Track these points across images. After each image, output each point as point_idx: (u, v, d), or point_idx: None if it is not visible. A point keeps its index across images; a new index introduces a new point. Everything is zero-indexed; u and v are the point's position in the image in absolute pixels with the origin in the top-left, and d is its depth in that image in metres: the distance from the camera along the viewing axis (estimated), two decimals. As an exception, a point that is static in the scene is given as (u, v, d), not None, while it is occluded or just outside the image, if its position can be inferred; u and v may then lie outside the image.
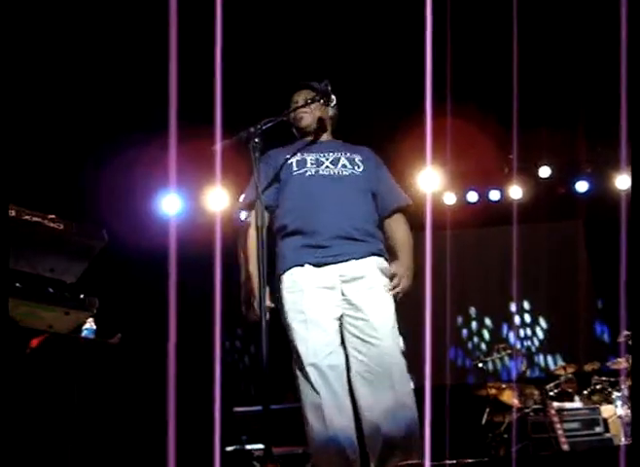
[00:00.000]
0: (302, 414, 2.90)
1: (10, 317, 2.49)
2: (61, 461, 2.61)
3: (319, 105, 3.15)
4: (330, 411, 2.82)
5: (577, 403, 5.92)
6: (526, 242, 6.87)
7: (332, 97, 3.10)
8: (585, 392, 5.97)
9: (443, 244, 6.29)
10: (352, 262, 2.97)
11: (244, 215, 3.20)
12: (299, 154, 3.15)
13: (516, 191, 7.37)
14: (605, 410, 5.63)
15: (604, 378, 5.93)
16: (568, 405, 5.85)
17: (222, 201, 6.66)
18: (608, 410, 5.62)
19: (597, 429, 5.50)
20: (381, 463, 2.80)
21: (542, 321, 7.81)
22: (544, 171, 7.36)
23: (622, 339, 5.59)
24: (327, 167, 3.10)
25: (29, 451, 2.47)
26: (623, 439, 5.26)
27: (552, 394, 5.98)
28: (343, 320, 2.96)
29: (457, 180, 7.40)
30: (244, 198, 3.17)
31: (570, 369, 6.28)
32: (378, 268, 3.01)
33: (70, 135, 6.01)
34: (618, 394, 5.60)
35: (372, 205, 3.15)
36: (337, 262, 2.96)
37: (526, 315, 7.85)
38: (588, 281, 7.55)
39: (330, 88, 3.05)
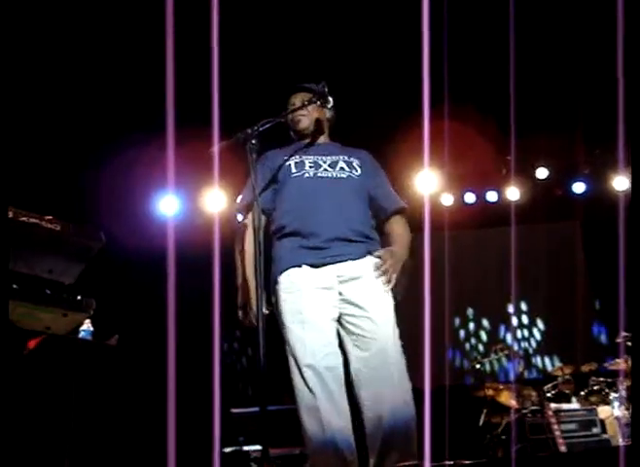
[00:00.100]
0: (298, 416, 2.89)
1: (8, 319, 2.49)
2: (60, 462, 2.61)
3: (316, 107, 3.15)
4: (326, 412, 2.81)
5: (574, 404, 5.93)
6: (524, 243, 6.85)
7: (329, 99, 3.09)
8: (582, 393, 5.97)
9: (440, 245, 6.29)
10: (349, 262, 2.98)
11: (241, 217, 3.19)
12: (297, 156, 3.15)
13: (514, 192, 7.37)
14: (602, 411, 5.63)
15: (601, 379, 5.93)
16: (565, 406, 5.85)
17: (219, 203, 6.65)
18: (605, 411, 5.63)
19: (595, 430, 5.51)
20: (380, 460, 2.80)
21: (539, 322, 7.81)
22: (541, 173, 7.36)
23: (620, 339, 5.60)
24: (325, 170, 3.11)
25: (27, 452, 2.47)
26: (621, 440, 5.27)
27: (550, 395, 5.99)
28: (342, 320, 2.96)
29: (455, 181, 7.40)
30: (241, 200, 3.17)
31: (567, 370, 6.28)
32: (375, 266, 3.02)
33: (68, 136, 6.01)
34: (615, 395, 5.61)
35: (368, 208, 3.15)
36: (334, 262, 2.96)
37: (524, 316, 7.85)
38: (586, 282, 7.55)
39: (327, 89, 3.05)
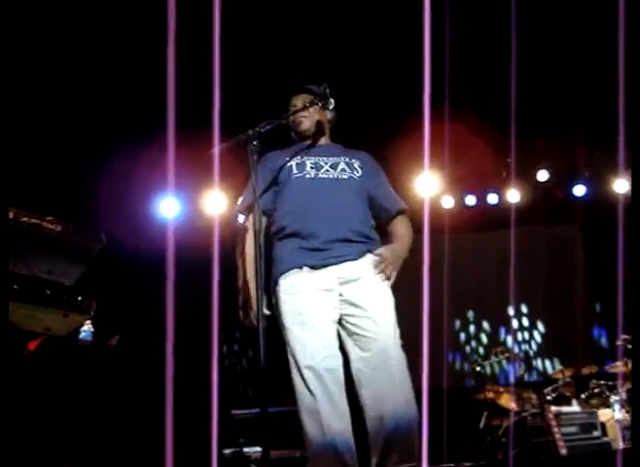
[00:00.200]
0: (299, 418, 2.89)
1: (8, 320, 2.49)
2: (60, 463, 2.61)
3: (318, 109, 3.16)
4: (327, 414, 2.81)
5: (575, 407, 5.92)
6: (524, 246, 6.86)
7: (330, 101, 3.10)
8: (582, 396, 5.97)
9: (441, 248, 6.29)
10: (349, 263, 2.98)
11: (242, 218, 3.20)
12: (298, 157, 3.16)
13: (514, 194, 7.37)
14: (603, 414, 5.63)
15: (602, 382, 5.93)
16: (566, 409, 5.84)
17: (220, 205, 6.65)
18: (606, 414, 5.62)
19: (595, 433, 5.50)
20: (382, 460, 2.80)
21: (540, 325, 7.81)
22: (542, 175, 7.36)
23: (620, 342, 5.60)
24: (326, 171, 3.11)
25: (28, 453, 2.47)
26: (621, 443, 5.27)
27: (550, 398, 5.98)
28: (343, 320, 2.96)
29: (455, 184, 7.41)
30: (242, 201, 3.17)
31: (568, 372, 6.28)
32: (374, 263, 3.02)
33: (68, 138, 6.01)
34: (615, 398, 5.61)
35: (369, 209, 3.16)
36: (334, 263, 2.97)
37: (524, 319, 7.84)
38: (586, 285, 7.55)
39: (328, 91, 3.06)
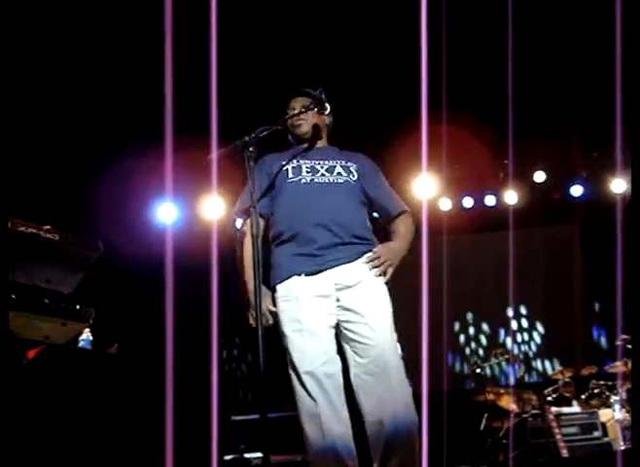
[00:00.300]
0: (300, 423, 2.89)
1: (8, 329, 2.49)
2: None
3: (315, 113, 3.16)
4: (327, 418, 2.82)
5: (575, 407, 5.92)
6: (522, 247, 6.87)
7: (326, 106, 3.11)
8: (582, 396, 5.97)
9: (439, 250, 6.29)
10: (345, 266, 2.97)
11: (239, 222, 3.20)
12: (294, 160, 3.16)
13: (512, 196, 7.37)
14: (603, 414, 5.62)
15: (602, 382, 5.93)
16: (566, 409, 5.84)
17: (218, 210, 6.65)
18: (606, 414, 5.62)
19: (596, 433, 5.50)
20: (383, 463, 2.80)
21: (539, 326, 7.81)
22: (539, 176, 7.37)
23: (620, 342, 5.60)
24: (322, 175, 3.11)
25: (27, 463, 2.46)
26: (622, 443, 5.26)
27: (550, 399, 5.98)
28: (340, 326, 2.97)
29: (453, 186, 7.41)
30: (239, 205, 3.17)
31: (568, 373, 6.28)
32: (369, 259, 3.01)
33: (66, 145, 6.01)
34: (616, 398, 5.61)
35: (366, 213, 3.16)
36: (330, 267, 2.97)
37: (523, 320, 7.85)
38: (585, 285, 7.55)
39: (324, 96, 3.07)
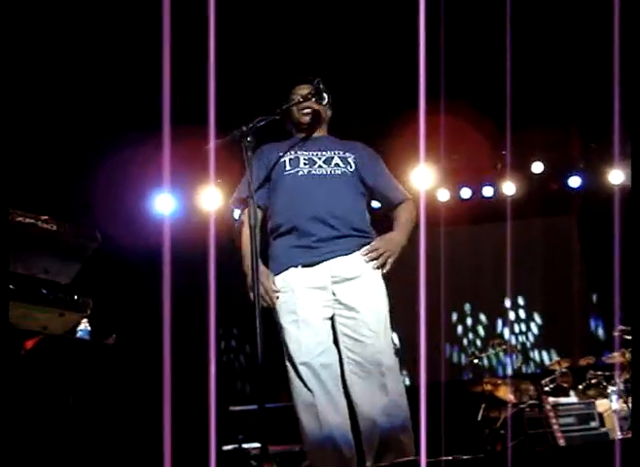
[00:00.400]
0: (296, 414, 2.90)
1: (8, 320, 2.49)
2: (58, 462, 2.61)
3: (314, 102, 3.16)
4: (324, 408, 2.83)
5: (572, 398, 5.94)
6: (520, 238, 6.87)
7: (324, 96, 3.12)
8: (580, 387, 5.98)
9: (436, 241, 6.29)
10: (342, 258, 2.97)
11: (237, 213, 3.20)
12: (292, 151, 3.15)
13: (510, 187, 7.36)
14: (600, 404, 5.64)
15: (599, 373, 5.94)
16: (563, 400, 5.86)
17: (215, 201, 6.65)
18: (603, 404, 5.64)
19: (593, 424, 5.52)
20: (378, 459, 2.81)
21: (536, 316, 7.82)
22: (537, 167, 7.35)
23: (617, 333, 5.60)
24: (320, 167, 3.10)
25: (25, 453, 2.46)
26: (619, 433, 5.28)
27: (548, 389, 5.99)
28: (335, 320, 2.97)
29: (450, 177, 7.40)
30: (237, 194, 3.17)
31: (565, 364, 6.29)
32: (365, 250, 3.01)
33: (63, 136, 5.99)
34: (613, 388, 5.62)
35: (364, 204, 3.16)
36: (326, 259, 2.96)
37: (521, 311, 7.86)
38: (582, 276, 7.56)
39: (322, 86, 3.08)
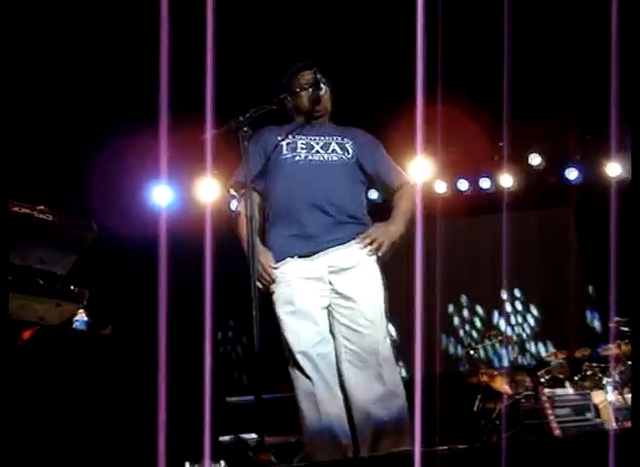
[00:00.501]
0: (296, 403, 2.91)
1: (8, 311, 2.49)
2: (53, 451, 2.62)
3: (311, 92, 3.17)
4: (322, 397, 2.85)
5: (568, 389, 5.96)
6: (517, 230, 6.88)
7: (321, 86, 3.13)
8: (575, 378, 6.00)
9: (434, 233, 6.29)
10: (339, 248, 2.97)
11: (234, 202, 3.18)
12: (290, 136, 3.14)
13: (507, 179, 7.36)
14: (596, 395, 5.66)
15: (595, 365, 5.96)
16: (559, 391, 5.88)
17: (213, 192, 6.63)
18: (599, 395, 5.65)
19: (588, 415, 5.54)
20: (372, 450, 2.82)
21: (533, 308, 7.83)
22: (534, 159, 7.35)
23: (613, 325, 5.62)
24: (317, 152, 3.09)
25: (22, 443, 2.47)
26: (614, 424, 5.30)
27: (544, 381, 6.01)
28: (332, 310, 2.97)
29: (448, 169, 7.39)
30: (235, 177, 3.15)
31: (561, 355, 6.31)
32: (360, 238, 3.00)
33: (59, 126, 5.97)
34: (608, 380, 5.63)
35: (362, 191, 3.15)
36: (323, 249, 2.96)
37: (517, 303, 7.87)
38: (579, 268, 7.57)
39: (319, 75, 3.10)
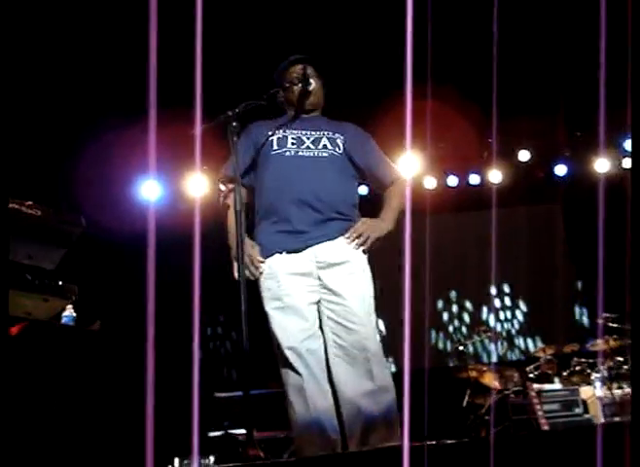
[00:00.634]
0: (285, 398, 2.92)
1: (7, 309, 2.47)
2: (40, 448, 2.60)
3: (300, 88, 3.17)
4: (312, 393, 2.85)
5: (556, 384, 5.99)
6: (506, 226, 6.91)
7: (310, 81, 3.13)
8: (564, 374, 6.03)
9: (422, 228, 6.30)
10: (327, 243, 2.97)
11: (223, 188, 3.15)
12: (281, 130, 3.12)
13: (496, 175, 7.39)
14: (584, 391, 5.69)
15: (583, 360, 6.00)
16: (548, 386, 5.91)
17: (201, 187, 6.62)
18: (587, 391, 5.69)
19: (576, 410, 5.57)
20: (361, 444, 2.82)
21: (521, 304, 7.87)
22: (523, 155, 7.38)
23: (601, 320, 5.65)
24: (307, 148, 3.08)
25: (8, 439, 2.45)
26: (602, 419, 5.33)
27: (532, 376, 6.04)
28: (321, 305, 2.97)
29: (437, 164, 7.41)
30: (224, 171, 3.13)
31: (549, 351, 6.34)
32: (348, 232, 3.01)
33: (48, 121, 5.93)
34: (597, 375, 5.67)
35: (352, 187, 3.14)
36: (310, 245, 2.96)
37: (506, 298, 7.90)
38: (567, 264, 7.61)
39: (309, 71, 3.09)
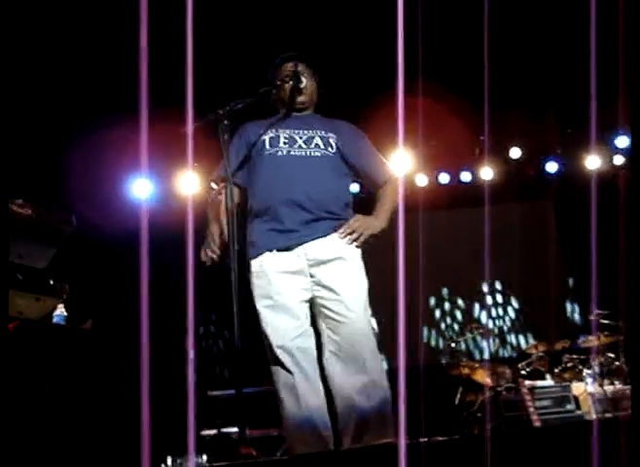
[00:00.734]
0: (276, 396, 2.91)
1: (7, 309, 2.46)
2: (35, 447, 2.60)
3: (291, 85, 3.17)
4: (303, 390, 2.85)
5: (548, 381, 6.01)
6: (498, 223, 6.91)
7: (301, 79, 3.14)
8: (556, 370, 6.05)
9: (415, 226, 6.30)
10: (318, 241, 2.96)
11: (215, 187, 3.15)
12: (273, 129, 3.12)
13: (488, 172, 7.40)
14: (576, 387, 5.71)
15: (575, 356, 6.02)
16: (540, 383, 5.92)
17: (193, 185, 6.60)
18: (579, 387, 5.71)
19: (568, 406, 5.59)
20: (355, 440, 2.82)
21: (513, 301, 7.89)
22: (514, 152, 7.39)
23: (593, 317, 5.67)
24: (300, 147, 3.08)
25: (2, 439, 2.44)
26: (594, 415, 5.35)
27: (524, 372, 6.06)
28: (315, 302, 2.97)
29: (429, 162, 7.41)
30: (217, 172, 3.14)
31: (541, 347, 6.36)
32: (341, 228, 3.01)
33: (38, 119, 5.90)
34: (588, 372, 5.70)
35: (345, 186, 3.14)
36: (302, 243, 2.96)
37: (498, 295, 7.92)
38: (559, 261, 7.62)
39: (300, 69, 3.10)
